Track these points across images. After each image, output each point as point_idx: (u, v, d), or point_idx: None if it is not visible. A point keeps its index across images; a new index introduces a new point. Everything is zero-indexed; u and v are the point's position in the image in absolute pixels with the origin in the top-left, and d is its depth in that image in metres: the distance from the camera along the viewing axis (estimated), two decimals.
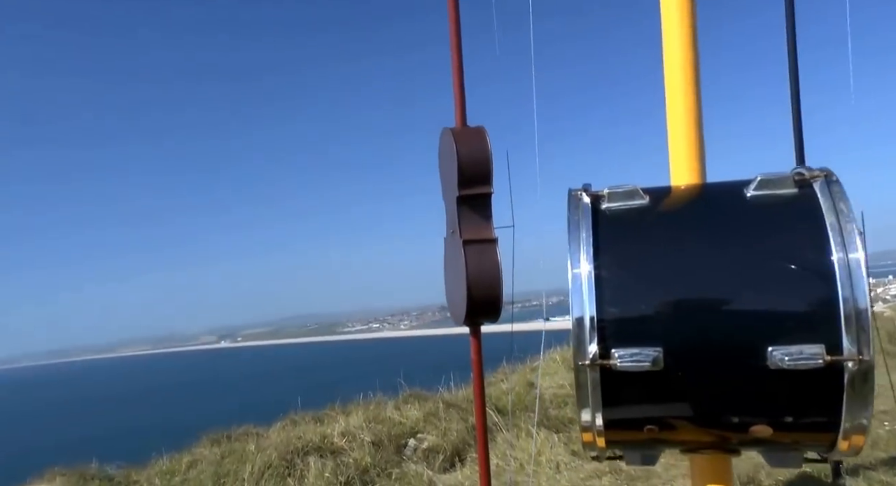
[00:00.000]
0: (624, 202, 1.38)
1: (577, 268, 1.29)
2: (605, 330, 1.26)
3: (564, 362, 8.97)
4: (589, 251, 1.29)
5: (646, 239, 1.35)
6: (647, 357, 1.25)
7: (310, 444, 6.78)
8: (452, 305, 3.88)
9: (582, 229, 1.32)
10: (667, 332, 1.27)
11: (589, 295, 1.26)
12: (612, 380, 1.28)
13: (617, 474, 6.08)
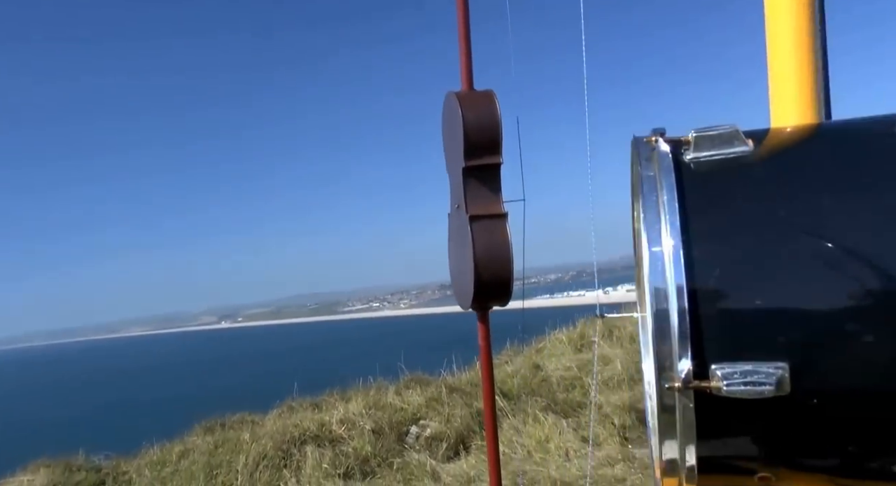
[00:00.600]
0: (718, 150, 0.99)
1: (656, 245, 0.92)
2: (702, 337, 0.89)
3: (571, 343, 8.65)
4: (674, 220, 0.91)
5: (758, 199, 0.96)
6: (766, 378, 0.87)
7: (307, 432, 6.47)
8: (458, 287, 3.52)
9: (661, 189, 0.94)
10: (796, 340, 0.88)
11: (676, 284, 0.89)
12: (712, 408, 0.90)
13: (630, 462, 5.77)
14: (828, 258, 0.88)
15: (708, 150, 0.98)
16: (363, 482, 5.83)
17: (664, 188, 0.94)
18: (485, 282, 3.25)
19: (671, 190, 0.93)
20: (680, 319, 0.87)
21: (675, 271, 0.89)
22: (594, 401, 6.33)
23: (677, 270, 0.89)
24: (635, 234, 1.48)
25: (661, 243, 0.91)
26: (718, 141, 0.98)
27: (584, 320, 9.40)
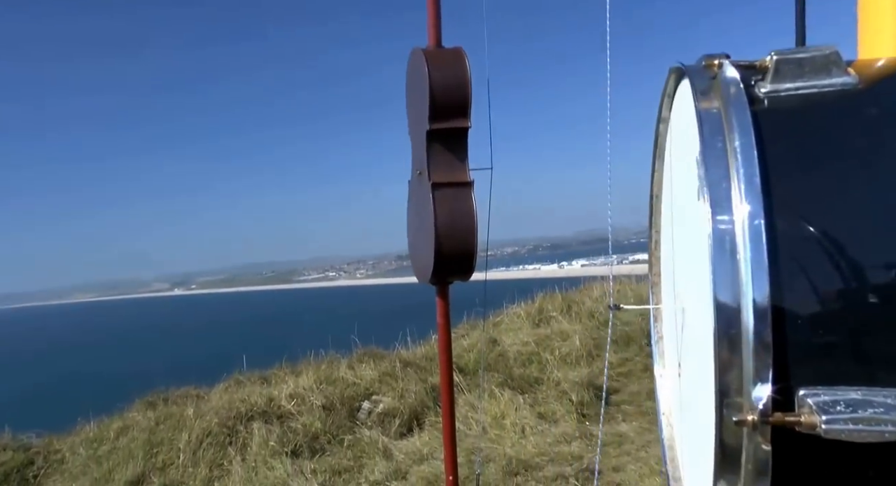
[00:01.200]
0: (809, 81, 0.72)
1: (722, 213, 0.65)
2: (787, 350, 0.62)
3: (529, 318, 8.46)
4: (751, 177, 0.64)
5: (870, 154, 0.69)
6: (887, 413, 0.60)
7: (255, 408, 6.18)
8: (416, 259, 3.25)
9: (730, 132, 0.67)
10: None
11: (753, 273, 0.62)
12: (800, 453, 0.64)
13: (587, 439, 5.62)
14: None
15: (793, 80, 0.70)
16: (312, 460, 5.58)
17: (736, 131, 0.66)
18: (446, 255, 2.99)
19: (746, 133, 0.66)
20: (757, 323, 0.61)
21: (751, 253, 0.62)
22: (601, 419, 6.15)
23: (755, 251, 0.62)
24: (653, 199, 1.23)
25: (731, 211, 0.65)
26: (810, 68, 0.70)
27: (543, 294, 9.23)
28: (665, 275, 1.20)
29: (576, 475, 4.94)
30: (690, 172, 0.86)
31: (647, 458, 5.14)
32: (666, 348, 1.22)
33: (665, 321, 1.23)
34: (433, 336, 8.45)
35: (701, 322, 0.73)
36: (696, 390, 0.90)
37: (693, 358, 0.89)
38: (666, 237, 1.18)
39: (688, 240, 0.95)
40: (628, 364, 7.08)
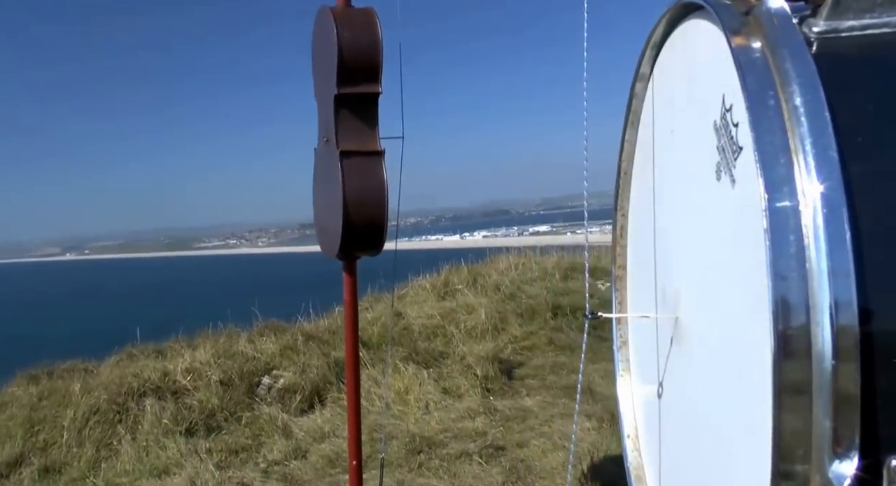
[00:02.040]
0: (883, 16, 0.54)
1: (782, 198, 0.48)
2: (878, 399, 0.45)
3: (434, 291, 8.34)
4: (823, 152, 0.48)
5: None
6: None
7: (147, 383, 5.82)
8: (323, 232, 3.04)
9: (790, 88, 0.50)
10: None
11: (833, 284, 0.45)
12: None
13: (491, 414, 5.55)
14: None
15: (859, 15, 0.53)
16: (207, 438, 5.29)
17: (796, 83, 0.49)
18: (355, 229, 2.79)
19: (812, 87, 0.49)
20: (839, 363, 0.44)
21: (830, 257, 0.45)
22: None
23: (836, 253, 0.45)
24: (621, 175, 1.05)
25: (796, 195, 0.47)
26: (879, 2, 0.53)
27: (449, 266, 9.12)
28: (637, 270, 1.04)
29: (480, 452, 4.86)
30: (690, 142, 0.70)
31: (550, 433, 5.11)
32: (636, 358, 1.07)
33: (635, 327, 1.08)
34: (337, 308, 8.22)
35: (713, 343, 0.58)
36: (689, 421, 0.75)
37: (690, 382, 0.73)
38: (640, 225, 1.03)
39: (687, 233, 0.78)
40: (532, 338, 7.07)
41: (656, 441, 0.94)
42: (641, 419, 1.03)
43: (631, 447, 1.03)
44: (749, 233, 0.57)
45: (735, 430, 0.58)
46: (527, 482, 4.46)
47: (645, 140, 1.00)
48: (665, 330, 0.84)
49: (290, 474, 4.79)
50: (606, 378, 6.16)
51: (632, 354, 1.07)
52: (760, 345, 0.53)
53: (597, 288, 8.50)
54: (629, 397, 1.06)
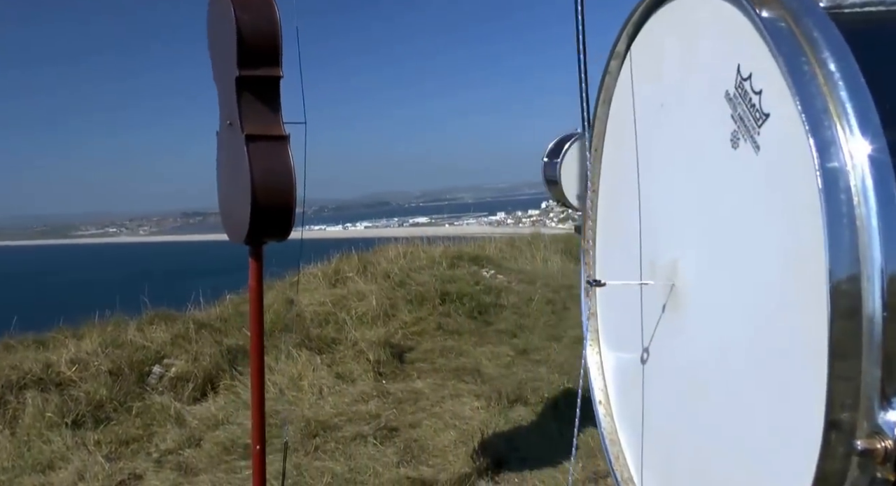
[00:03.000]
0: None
1: (830, 159, 0.44)
2: None
3: (326, 278, 8.16)
4: (865, 115, 0.45)
5: None
6: None
7: (29, 375, 5.36)
8: (229, 218, 2.87)
9: (822, 56, 0.47)
10: None
11: (878, 232, 0.42)
12: None
13: (384, 397, 5.49)
14: None
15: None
16: (96, 430, 4.94)
17: (828, 51, 0.46)
18: (263, 214, 2.65)
19: (844, 54, 0.46)
20: (891, 314, 0.42)
21: (881, 214, 0.42)
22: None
23: (886, 211, 0.42)
24: (592, 153, 1.01)
25: (842, 158, 0.45)
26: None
27: (340, 254, 8.95)
28: (610, 245, 1.01)
29: (374, 434, 4.80)
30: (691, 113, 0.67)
31: (441, 413, 5.11)
32: (605, 328, 1.04)
33: (606, 298, 1.04)
34: (228, 296, 7.90)
35: (724, 307, 0.56)
36: (685, 383, 0.72)
37: (688, 347, 0.71)
38: (614, 200, 0.99)
39: (689, 202, 0.75)
40: (422, 323, 7.05)
41: (633, 405, 0.92)
42: (612, 386, 1.01)
43: (603, 413, 1.02)
44: (778, 197, 0.56)
45: (748, 388, 0.57)
46: (420, 460, 4.44)
47: (619, 117, 0.97)
48: (656, 298, 0.82)
49: (184, 462, 4.55)
50: (493, 360, 6.24)
51: (601, 324, 1.05)
52: (794, 304, 0.51)
53: (481, 276, 8.59)
54: (598, 366, 1.03)
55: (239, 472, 4.38)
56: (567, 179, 4.87)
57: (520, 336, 6.92)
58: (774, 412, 0.57)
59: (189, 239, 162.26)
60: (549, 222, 51.96)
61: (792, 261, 0.54)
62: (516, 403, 5.17)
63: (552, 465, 4.17)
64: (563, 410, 4.97)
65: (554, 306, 7.76)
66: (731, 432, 0.66)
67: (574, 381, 5.45)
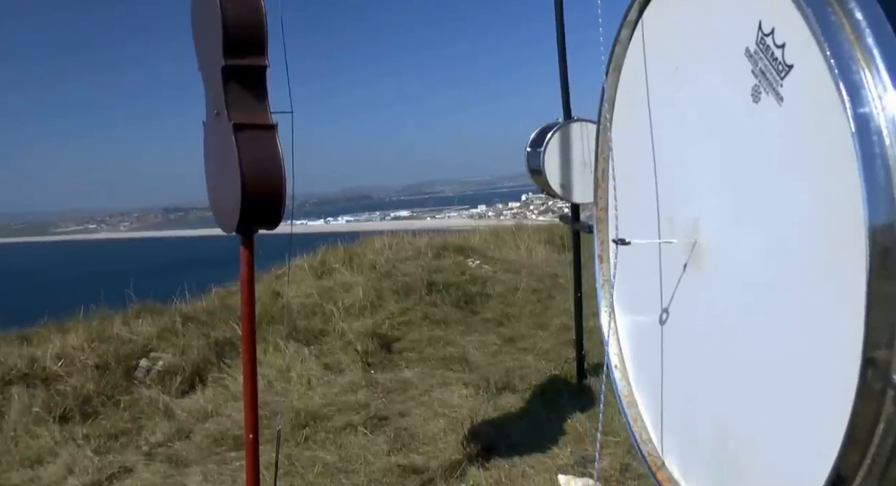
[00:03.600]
0: None
1: (862, 105, 0.45)
2: None
3: (312, 270, 8.13)
4: (891, 61, 0.45)
5: None
6: None
7: (13, 371, 5.30)
8: (219, 208, 2.85)
9: (849, 5, 0.47)
10: None
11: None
12: None
13: (373, 387, 5.49)
14: None
15: None
16: (84, 424, 4.89)
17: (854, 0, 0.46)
18: (253, 202, 2.64)
19: (871, 2, 0.47)
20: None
21: None
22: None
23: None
24: (602, 120, 1.02)
25: (873, 103, 0.45)
26: None
27: (325, 246, 8.92)
28: (623, 209, 1.01)
29: (364, 423, 4.80)
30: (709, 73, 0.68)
31: (430, 402, 5.12)
32: (620, 293, 1.04)
33: (621, 264, 1.04)
34: (214, 289, 7.84)
35: (751, 260, 0.57)
36: (709, 339, 0.73)
37: (712, 303, 0.72)
38: (627, 166, 0.99)
39: (709, 159, 0.75)
40: (409, 314, 7.04)
41: (650, 367, 0.93)
42: (628, 349, 1.02)
43: (619, 376, 1.02)
44: (804, 145, 0.56)
45: (777, 340, 0.58)
46: (411, 448, 4.45)
47: (630, 84, 0.98)
48: (676, 257, 0.82)
49: (174, 455, 4.52)
50: (480, 349, 6.26)
51: (616, 289, 1.05)
52: (824, 251, 0.52)
53: (467, 266, 8.60)
54: (613, 331, 1.04)
55: (230, 463, 4.36)
56: (550, 168, 4.89)
57: (506, 325, 6.94)
58: (804, 362, 0.58)
59: (171, 235, 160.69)
60: (529, 215, 52.04)
61: (821, 207, 0.54)
62: (504, 390, 5.19)
63: (541, 451, 4.19)
64: (550, 396, 4.99)
65: (539, 294, 7.79)
66: (758, 384, 0.66)
67: (561, 368, 5.49)
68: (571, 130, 4.76)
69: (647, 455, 0.90)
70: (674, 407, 0.88)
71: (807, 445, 0.56)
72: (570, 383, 5.24)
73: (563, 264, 8.57)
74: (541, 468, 3.98)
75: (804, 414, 0.58)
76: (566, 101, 4.86)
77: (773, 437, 0.63)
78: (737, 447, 0.70)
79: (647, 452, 0.91)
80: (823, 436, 0.52)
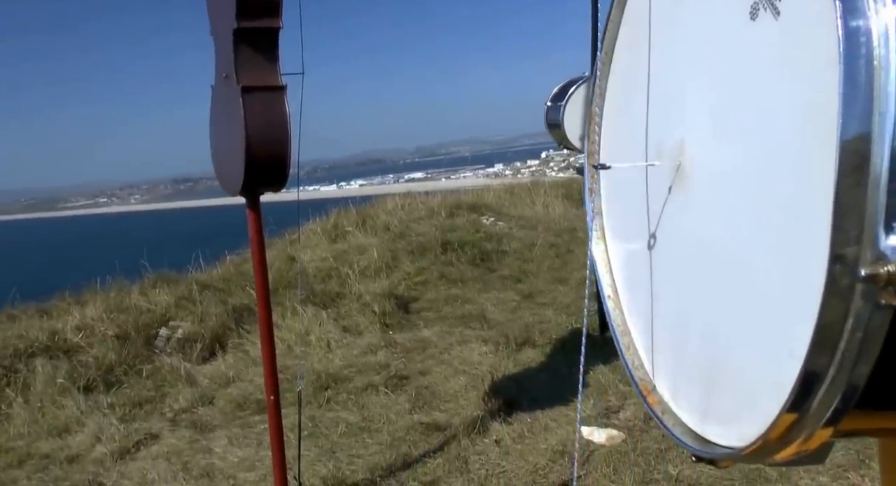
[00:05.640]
0: None
1: (855, 18, 0.47)
2: None
3: (325, 234, 8.20)
4: None
5: None
6: None
7: (35, 343, 5.45)
8: (223, 170, 2.90)
9: None
10: None
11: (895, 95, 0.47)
12: None
13: (392, 347, 5.59)
14: None
15: None
16: (108, 394, 5.04)
17: None
18: (257, 164, 2.68)
19: None
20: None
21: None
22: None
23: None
24: (604, 54, 1.05)
25: (868, 15, 0.48)
26: None
27: (338, 210, 8.98)
28: (616, 145, 1.04)
29: (385, 383, 4.90)
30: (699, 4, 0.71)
31: (450, 360, 5.21)
32: (611, 224, 1.08)
33: (610, 195, 1.07)
34: (228, 257, 7.95)
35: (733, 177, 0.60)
36: (696, 261, 0.77)
37: (696, 224, 0.76)
38: (623, 102, 1.02)
39: (702, 82, 0.79)
40: (424, 273, 7.11)
41: (641, 294, 0.97)
42: (620, 278, 1.05)
43: (612, 306, 1.05)
44: (794, 56, 0.59)
45: (757, 250, 0.62)
46: (433, 406, 4.54)
47: (634, 17, 1.00)
48: (661, 181, 0.86)
49: (198, 420, 4.65)
50: (499, 306, 6.33)
51: (605, 221, 1.09)
52: (806, 165, 0.56)
53: (481, 223, 8.63)
54: (605, 262, 1.07)
55: (254, 427, 4.49)
56: (570, 122, 4.89)
57: (524, 281, 6.99)
58: (781, 267, 0.62)
59: (182, 205, 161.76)
60: (549, 172, 51.61)
61: (805, 116, 0.57)
62: (524, 345, 5.26)
63: (563, 403, 4.26)
64: (571, 350, 5.06)
65: (558, 249, 7.82)
66: (740, 294, 0.70)
67: (581, 321, 5.54)
68: None
69: (638, 381, 0.94)
70: (663, 330, 0.92)
71: (780, 347, 0.60)
72: (592, 336, 5.29)
73: (582, 218, 8.58)
74: (563, 421, 4.06)
75: (780, 318, 0.62)
76: (595, 52, 4.82)
77: (751, 344, 0.67)
78: (720, 361, 0.74)
79: (639, 377, 0.96)
80: (797, 337, 0.55)
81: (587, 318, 5.52)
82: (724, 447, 0.74)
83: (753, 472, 3.30)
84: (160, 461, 4.10)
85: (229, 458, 4.10)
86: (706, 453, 0.77)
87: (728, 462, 0.74)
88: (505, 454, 3.78)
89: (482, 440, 3.97)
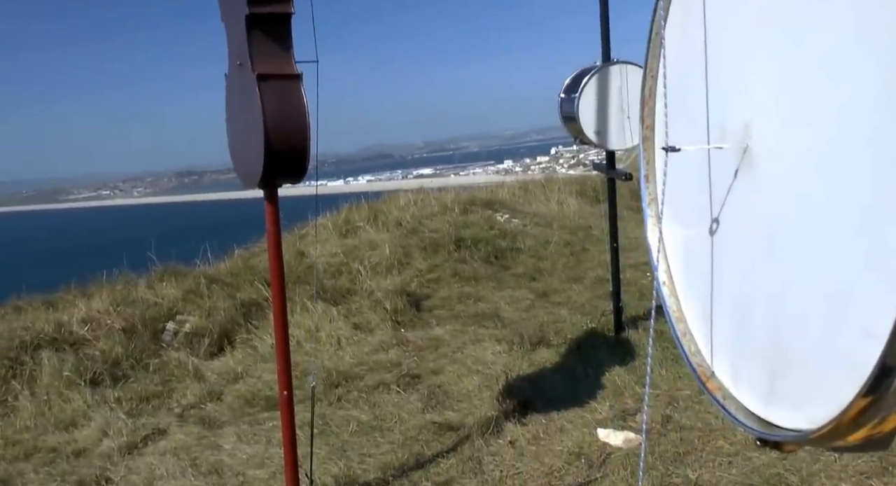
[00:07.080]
0: None
1: None
2: None
3: (336, 229, 8.21)
4: None
5: None
6: None
7: (42, 335, 5.48)
8: (241, 161, 2.90)
9: None
10: None
11: None
12: None
13: (404, 345, 5.59)
14: None
15: None
16: (115, 387, 5.07)
17: None
18: (277, 153, 2.67)
19: None
20: None
21: None
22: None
23: None
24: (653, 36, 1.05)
25: None
26: None
27: (349, 205, 8.99)
28: (670, 120, 1.03)
29: (397, 382, 4.90)
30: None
31: (463, 359, 5.21)
32: (669, 209, 1.08)
33: (668, 181, 1.07)
34: (237, 251, 7.98)
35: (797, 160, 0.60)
36: (757, 244, 0.77)
37: (767, 206, 0.75)
38: (677, 81, 1.02)
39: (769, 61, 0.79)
40: (437, 270, 7.11)
41: (699, 280, 0.96)
42: (676, 265, 1.05)
43: (668, 293, 1.05)
44: (867, 31, 0.59)
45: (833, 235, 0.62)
46: (446, 405, 4.54)
47: (686, 3, 1.00)
48: (726, 164, 0.85)
49: (206, 416, 4.68)
50: (513, 304, 6.32)
51: (662, 207, 1.09)
52: (884, 141, 0.56)
53: (495, 220, 8.62)
54: (661, 249, 1.07)
55: (263, 423, 4.50)
56: (585, 114, 4.85)
57: (539, 279, 6.98)
58: (861, 246, 0.61)
59: (186, 199, 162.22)
60: (559, 168, 51.46)
61: (881, 93, 0.57)
62: (539, 345, 5.25)
63: (579, 405, 4.26)
64: (587, 350, 5.05)
65: (572, 247, 7.81)
66: (813, 274, 0.70)
67: (597, 321, 5.53)
68: (610, 73, 4.69)
69: (696, 367, 0.94)
70: (723, 315, 0.92)
71: (854, 327, 0.60)
72: (608, 337, 5.28)
73: (597, 215, 8.57)
74: (579, 423, 4.05)
75: (856, 299, 0.62)
76: (605, 42, 4.78)
77: (822, 326, 0.67)
78: (786, 343, 0.74)
79: (697, 364, 0.95)
80: (874, 317, 0.55)
81: (601, 318, 5.53)
82: (790, 431, 0.74)
83: (774, 477, 3.29)
84: (168, 457, 4.12)
85: (238, 455, 4.12)
86: (772, 436, 0.77)
87: (793, 446, 0.74)
88: (519, 456, 3.78)
89: (496, 440, 3.97)
